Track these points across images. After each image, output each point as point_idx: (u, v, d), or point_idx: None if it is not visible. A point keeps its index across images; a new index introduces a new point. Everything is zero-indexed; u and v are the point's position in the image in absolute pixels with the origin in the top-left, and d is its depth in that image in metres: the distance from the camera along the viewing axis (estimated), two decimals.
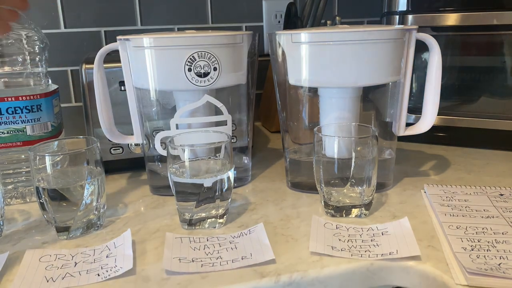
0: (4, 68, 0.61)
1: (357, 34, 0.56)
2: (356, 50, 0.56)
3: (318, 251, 0.48)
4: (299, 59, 0.59)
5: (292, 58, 0.60)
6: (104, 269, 0.46)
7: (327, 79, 0.59)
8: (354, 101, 0.61)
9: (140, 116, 0.65)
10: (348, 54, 0.56)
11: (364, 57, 0.57)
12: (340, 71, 0.57)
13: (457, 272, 0.44)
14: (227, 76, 0.61)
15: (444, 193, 0.61)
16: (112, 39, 0.92)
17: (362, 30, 0.56)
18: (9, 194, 0.64)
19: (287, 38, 0.59)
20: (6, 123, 0.61)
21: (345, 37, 0.56)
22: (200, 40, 0.58)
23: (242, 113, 0.69)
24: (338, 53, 0.57)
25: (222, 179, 0.54)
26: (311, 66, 0.58)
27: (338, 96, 0.61)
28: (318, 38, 0.57)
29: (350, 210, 0.56)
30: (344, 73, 0.57)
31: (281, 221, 0.56)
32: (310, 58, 0.58)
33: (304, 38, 0.57)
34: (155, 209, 0.61)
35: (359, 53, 0.56)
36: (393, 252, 0.47)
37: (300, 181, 0.66)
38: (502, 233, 0.50)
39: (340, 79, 0.58)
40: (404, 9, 0.81)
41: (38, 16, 0.88)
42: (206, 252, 0.49)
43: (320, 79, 0.59)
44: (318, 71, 0.58)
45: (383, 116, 0.66)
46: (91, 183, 0.54)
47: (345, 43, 0.56)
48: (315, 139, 0.56)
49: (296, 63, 0.59)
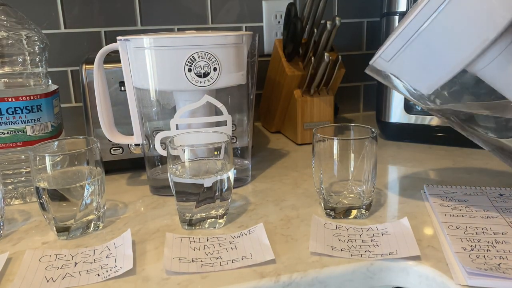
0: (4, 68, 0.61)
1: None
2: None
3: (318, 251, 0.48)
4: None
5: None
6: (104, 269, 0.46)
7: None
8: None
9: (140, 116, 0.65)
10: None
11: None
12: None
13: (456, 272, 0.44)
14: (227, 76, 0.61)
15: (444, 193, 0.61)
16: (112, 39, 0.93)
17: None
18: (9, 194, 0.64)
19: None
20: (6, 123, 0.61)
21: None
22: (200, 40, 0.58)
23: (242, 113, 0.69)
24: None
25: (222, 179, 0.54)
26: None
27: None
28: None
29: (349, 211, 0.56)
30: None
31: (281, 221, 0.56)
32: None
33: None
34: (155, 209, 0.61)
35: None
36: (393, 252, 0.47)
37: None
38: (501, 233, 0.50)
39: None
40: (404, 9, 0.81)
41: (38, 16, 0.88)
42: (206, 252, 0.49)
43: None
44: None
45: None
46: (91, 183, 0.54)
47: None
48: (314, 139, 0.56)
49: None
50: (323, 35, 0.80)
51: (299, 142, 0.88)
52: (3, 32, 0.60)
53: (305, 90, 0.86)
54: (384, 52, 0.48)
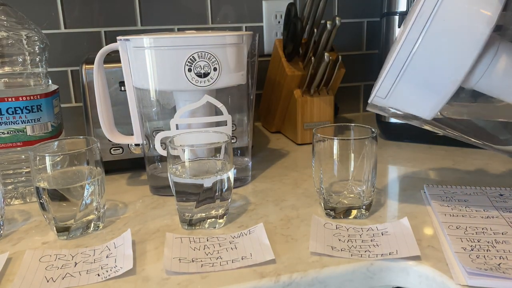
0: (4, 68, 0.61)
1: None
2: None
3: (318, 251, 0.48)
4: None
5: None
6: (104, 269, 0.46)
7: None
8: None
9: (140, 116, 0.65)
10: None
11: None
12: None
13: (456, 272, 0.44)
14: (227, 76, 0.61)
15: (444, 193, 0.61)
16: (112, 39, 0.93)
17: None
18: (9, 194, 0.64)
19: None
20: (6, 123, 0.61)
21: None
22: (200, 40, 0.58)
23: (242, 113, 0.69)
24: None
25: (222, 179, 0.54)
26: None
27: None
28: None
29: (349, 211, 0.56)
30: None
31: (281, 221, 0.56)
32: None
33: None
34: (155, 209, 0.61)
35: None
36: (393, 252, 0.47)
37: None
38: (501, 233, 0.50)
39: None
40: (404, 9, 0.81)
41: (38, 16, 0.88)
42: (206, 252, 0.49)
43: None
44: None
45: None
46: (91, 183, 0.54)
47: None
48: (314, 139, 0.56)
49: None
50: (323, 35, 0.80)
51: (299, 142, 0.88)
52: (3, 32, 0.60)
53: (305, 90, 0.86)
54: (379, 91, 0.49)
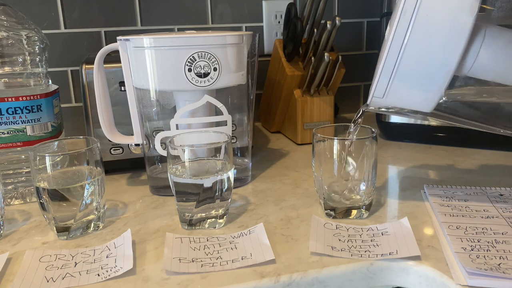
0: (4, 68, 0.61)
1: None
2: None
3: (318, 251, 0.48)
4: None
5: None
6: (104, 269, 0.46)
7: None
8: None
9: (140, 116, 0.65)
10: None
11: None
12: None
13: (457, 272, 0.44)
14: (227, 76, 0.61)
15: (444, 193, 0.61)
16: (112, 39, 0.93)
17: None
18: (9, 194, 0.64)
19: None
20: (6, 123, 0.61)
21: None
22: (200, 40, 0.58)
23: (242, 113, 0.69)
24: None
25: (222, 179, 0.54)
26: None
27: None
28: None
29: (350, 211, 0.56)
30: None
31: (281, 221, 0.56)
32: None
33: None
34: (155, 209, 0.61)
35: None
36: (393, 252, 0.47)
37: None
38: (502, 233, 0.50)
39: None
40: None
41: (38, 16, 0.88)
42: (206, 252, 0.49)
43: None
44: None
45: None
46: (91, 183, 0.54)
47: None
48: (314, 139, 0.56)
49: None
50: (323, 35, 0.80)
51: (299, 142, 0.88)
52: (3, 32, 0.60)
53: (305, 90, 0.86)
54: (376, 91, 0.50)
